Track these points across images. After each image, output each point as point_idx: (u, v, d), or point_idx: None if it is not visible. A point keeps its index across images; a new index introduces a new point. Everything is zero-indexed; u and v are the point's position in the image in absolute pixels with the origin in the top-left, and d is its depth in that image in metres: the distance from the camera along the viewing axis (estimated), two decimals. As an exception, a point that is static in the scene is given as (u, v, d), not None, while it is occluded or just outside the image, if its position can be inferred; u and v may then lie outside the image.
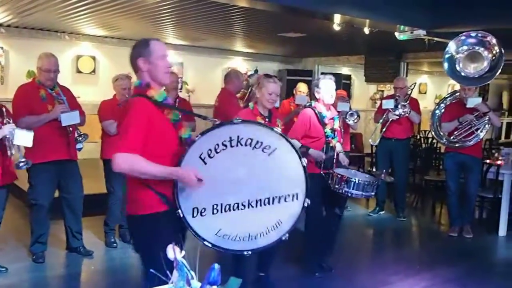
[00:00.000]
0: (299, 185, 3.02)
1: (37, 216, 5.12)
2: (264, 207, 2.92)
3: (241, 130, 2.83)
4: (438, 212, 7.96)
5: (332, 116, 4.96)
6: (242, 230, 2.91)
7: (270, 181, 2.92)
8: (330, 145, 4.87)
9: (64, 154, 5.10)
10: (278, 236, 3.00)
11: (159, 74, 2.87)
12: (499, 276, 5.53)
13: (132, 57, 2.89)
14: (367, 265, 5.67)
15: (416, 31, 6.89)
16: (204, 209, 2.81)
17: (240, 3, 5.78)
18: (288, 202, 2.99)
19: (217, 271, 1.75)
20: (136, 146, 2.65)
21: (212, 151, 2.77)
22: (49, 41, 9.85)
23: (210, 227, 2.84)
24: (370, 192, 4.66)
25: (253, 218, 2.91)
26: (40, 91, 4.95)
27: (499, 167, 6.68)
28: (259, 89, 4.40)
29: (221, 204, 2.83)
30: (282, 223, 2.99)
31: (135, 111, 2.72)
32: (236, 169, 2.84)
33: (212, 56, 12.35)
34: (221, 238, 2.87)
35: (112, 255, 5.56)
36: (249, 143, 2.85)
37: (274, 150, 2.91)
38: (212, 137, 2.78)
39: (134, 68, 2.91)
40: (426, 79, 17.34)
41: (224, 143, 2.79)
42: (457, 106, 6.56)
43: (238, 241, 2.92)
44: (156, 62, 2.84)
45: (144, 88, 2.83)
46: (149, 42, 2.87)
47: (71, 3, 6.72)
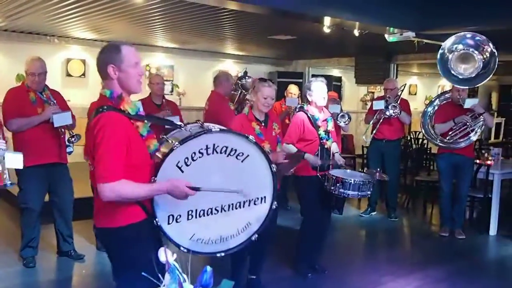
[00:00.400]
0: (267, 189, 3.17)
1: (27, 220, 5.09)
2: (235, 211, 3.03)
3: (218, 138, 2.89)
4: (429, 212, 7.99)
5: (325, 118, 4.97)
6: (214, 233, 3.00)
7: (242, 186, 2.98)
8: (325, 147, 4.88)
9: (55, 157, 5.09)
10: (247, 237, 3.14)
11: (131, 83, 2.68)
12: (490, 275, 5.56)
13: (101, 63, 2.66)
14: (359, 266, 5.69)
15: (405, 33, 6.93)
16: (180, 216, 2.85)
17: (230, 6, 5.78)
18: (257, 205, 3.13)
19: (209, 274, 1.75)
20: (119, 171, 2.52)
21: (189, 159, 2.79)
22: (38, 44, 9.81)
23: (185, 232, 2.89)
24: (366, 192, 4.68)
25: (225, 221, 3.01)
26: (30, 94, 4.94)
27: (489, 167, 6.72)
28: (254, 93, 4.39)
29: (196, 210, 2.88)
30: (251, 224, 3.14)
31: (112, 130, 2.52)
32: (211, 176, 2.88)
33: (203, 58, 12.34)
34: (195, 243, 2.94)
35: (104, 259, 5.49)
36: (224, 151, 2.92)
37: (246, 156, 3.02)
38: (190, 145, 2.78)
39: (102, 75, 2.67)
40: (416, 81, 17.44)
41: (200, 151, 2.82)
42: (450, 107, 6.58)
43: (211, 244, 3.01)
44: (128, 70, 2.64)
45: (117, 101, 2.63)
46: (120, 47, 2.65)
47: (60, 6, 6.70)
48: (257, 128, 4.30)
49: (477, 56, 5.76)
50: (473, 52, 5.77)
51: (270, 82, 4.43)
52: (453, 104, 6.53)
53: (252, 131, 4.20)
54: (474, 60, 5.79)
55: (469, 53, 5.81)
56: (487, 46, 5.70)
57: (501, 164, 7.25)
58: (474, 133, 6.39)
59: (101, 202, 2.61)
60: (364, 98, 15.42)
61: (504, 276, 5.50)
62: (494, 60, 5.67)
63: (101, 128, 2.52)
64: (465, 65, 5.89)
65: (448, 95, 6.76)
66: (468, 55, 5.83)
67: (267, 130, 4.40)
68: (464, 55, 5.84)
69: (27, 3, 6.55)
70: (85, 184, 5.41)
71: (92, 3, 6.45)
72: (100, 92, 2.71)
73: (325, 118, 4.97)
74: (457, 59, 5.86)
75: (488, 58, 5.71)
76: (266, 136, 4.33)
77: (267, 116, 4.46)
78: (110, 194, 2.51)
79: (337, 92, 9.80)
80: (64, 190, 5.26)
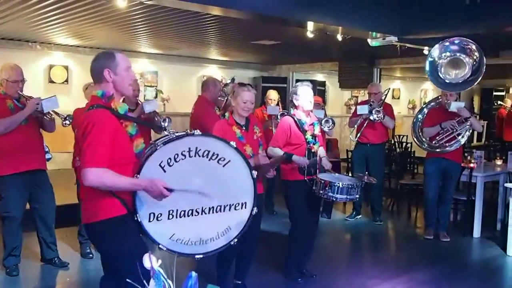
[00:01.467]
0: (248, 195, 3.29)
1: (9, 229, 5.03)
2: (216, 214, 3.13)
3: (200, 142, 3.02)
4: (413, 215, 8.05)
5: (311, 122, 4.99)
6: (194, 235, 3.09)
7: (222, 190, 3.14)
8: (312, 151, 4.89)
9: (35, 164, 5.05)
10: (226, 241, 3.24)
11: (124, 86, 2.95)
12: (474, 277, 5.61)
13: (97, 68, 2.93)
14: (345, 269, 5.70)
15: (388, 38, 6.97)
16: (160, 214, 2.94)
17: (214, 11, 5.78)
18: (237, 210, 3.24)
19: (194, 279, 1.74)
20: (104, 159, 2.71)
21: (171, 160, 2.91)
22: (20, 51, 9.72)
23: (165, 231, 2.97)
24: (354, 195, 4.68)
25: (205, 224, 3.10)
26: (7, 101, 4.89)
27: (472, 169, 6.77)
28: (234, 98, 4.41)
29: (177, 210, 2.98)
30: (231, 229, 3.24)
31: (101, 123, 2.75)
32: (192, 178, 2.99)
33: (187, 64, 12.32)
34: (174, 242, 3.02)
35: (88, 266, 5.49)
36: (205, 155, 3.04)
37: (228, 162, 3.14)
38: (173, 147, 2.92)
39: (97, 79, 2.93)
40: (399, 85, 17.56)
41: (183, 153, 2.95)
42: (439, 111, 6.62)
43: (190, 245, 3.09)
44: (122, 73, 2.92)
45: (108, 100, 2.89)
46: (114, 54, 2.94)
47: (42, 12, 6.65)
48: (238, 132, 4.32)
49: (466, 59, 5.81)
50: (461, 56, 5.81)
51: (249, 86, 4.45)
52: (442, 108, 6.58)
53: (233, 135, 4.21)
54: (464, 64, 5.84)
55: (457, 58, 5.85)
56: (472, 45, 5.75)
57: (483, 167, 7.32)
58: (461, 138, 6.42)
59: (86, 199, 2.86)
60: (348, 102, 15.50)
61: (488, 278, 5.53)
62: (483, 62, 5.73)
63: (91, 121, 2.74)
64: (456, 71, 5.94)
65: (439, 101, 6.80)
66: (457, 60, 5.87)
67: (248, 134, 4.41)
68: (453, 60, 5.88)
69: (8, 9, 6.50)
70: (67, 191, 5.39)
71: (74, 9, 6.42)
72: (92, 94, 2.95)
73: (311, 122, 4.99)
74: (447, 65, 5.90)
75: (478, 59, 5.76)
76: (247, 140, 4.35)
77: (248, 120, 4.48)
78: (93, 178, 2.68)
79: (321, 97, 9.86)
80: (45, 197, 5.21)
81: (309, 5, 5.82)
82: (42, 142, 5.18)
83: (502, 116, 12.08)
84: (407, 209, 8.29)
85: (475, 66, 5.72)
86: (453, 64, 5.88)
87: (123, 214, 2.85)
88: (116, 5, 5.67)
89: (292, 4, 5.69)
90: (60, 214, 5.46)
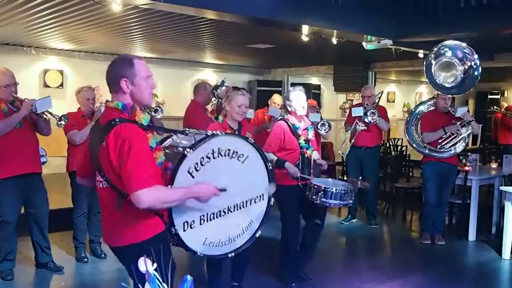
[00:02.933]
0: (264, 187, 3.32)
1: (4, 233, 5.00)
2: (240, 211, 3.15)
3: (221, 142, 2.99)
4: (409, 219, 8.05)
5: (305, 127, 4.98)
6: (224, 235, 3.08)
7: (244, 186, 3.16)
8: (306, 156, 4.89)
9: (30, 168, 5.02)
10: (251, 235, 3.26)
11: (144, 96, 2.72)
12: (469, 280, 5.62)
13: (114, 76, 2.68)
14: (340, 273, 5.70)
15: (383, 41, 6.99)
16: (193, 221, 2.88)
17: (209, 15, 5.78)
18: (257, 203, 3.28)
19: (189, 283, 1.74)
20: (152, 177, 2.54)
21: (198, 165, 2.84)
22: (15, 55, 9.71)
23: (198, 237, 2.93)
24: (348, 201, 4.66)
25: (232, 222, 3.10)
26: (1, 105, 4.86)
27: (467, 173, 6.77)
28: (228, 102, 4.41)
29: (207, 214, 2.94)
30: (253, 222, 3.27)
31: (138, 140, 2.55)
32: (218, 178, 2.92)
33: (182, 68, 12.32)
34: (207, 247, 3.00)
35: (83, 270, 5.47)
36: (227, 154, 3.02)
37: (246, 157, 3.15)
38: (200, 151, 2.84)
39: (114, 87, 2.69)
40: (394, 88, 17.60)
41: (208, 156, 2.89)
42: (437, 115, 6.58)
43: (220, 246, 3.09)
44: (140, 83, 2.68)
45: (131, 113, 2.66)
46: (133, 61, 2.68)
47: (37, 17, 6.65)
48: None
49: (459, 66, 5.84)
50: (456, 62, 5.84)
51: (244, 90, 4.46)
52: (440, 112, 6.56)
53: None
54: (456, 69, 5.86)
55: (451, 62, 5.88)
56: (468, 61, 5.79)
57: (479, 170, 7.34)
58: (463, 141, 6.45)
59: (120, 219, 2.64)
60: (343, 105, 15.52)
61: (483, 282, 5.53)
62: (473, 71, 5.76)
63: (127, 139, 2.52)
64: (445, 73, 5.97)
65: (432, 101, 6.80)
66: (450, 64, 5.90)
67: None
68: (446, 63, 5.91)
69: (3, 14, 6.49)
70: (62, 195, 5.38)
71: (69, 13, 6.41)
72: (108, 105, 2.71)
73: (305, 127, 4.98)
74: (439, 66, 5.93)
75: (467, 69, 5.79)
76: None
77: (240, 125, 4.48)
78: (149, 199, 2.49)
79: (316, 100, 9.85)
80: (39, 201, 5.19)
81: (304, 8, 5.84)
82: (37, 145, 5.15)
83: (497, 119, 12.11)
84: (402, 213, 8.29)
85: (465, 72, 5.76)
86: (444, 67, 5.91)
87: (164, 230, 2.71)
88: (111, 9, 5.67)
89: (287, 7, 5.70)
90: (55, 218, 5.44)
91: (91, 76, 10.21)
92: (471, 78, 5.85)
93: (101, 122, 2.72)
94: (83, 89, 5.61)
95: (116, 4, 5.13)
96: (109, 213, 2.71)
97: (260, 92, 12.36)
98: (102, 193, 2.72)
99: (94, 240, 5.74)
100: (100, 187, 2.72)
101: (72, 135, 5.37)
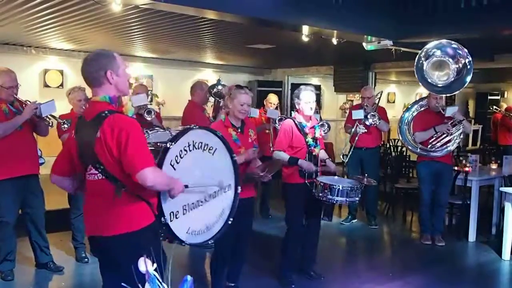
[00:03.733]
0: (231, 177, 3.55)
1: (3, 234, 5.01)
2: (213, 200, 3.35)
3: (195, 135, 3.19)
4: (409, 219, 8.04)
5: (312, 125, 5.01)
6: (202, 223, 3.28)
7: (215, 176, 3.36)
8: (313, 154, 4.91)
9: (28, 169, 5.04)
10: (223, 222, 3.47)
11: (125, 86, 2.89)
12: (469, 281, 5.62)
13: (98, 69, 2.80)
14: (340, 273, 5.69)
15: (383, 41, 6.98)
16: (178, 212, 3.04)
17: (209, 15, 5.78)
18: (226, 192, 3.49)
19: (189, 283, 1.73)
20: (152, 159, 2.69)
21: (178, 157, 3.00)
22: (15, 55, 9.70)
23: (182, 227, 3.07)
24: (354, 198, 4.71)
25: (208, 211, 3.31)
26: (2, 106, 4.87)
27: (467, 173, 6.77)
28: (230, 100, 4.41)
29: (188, 204, 3.11)
30: (224, 210, 3.49)
31: (133, 128, 2.68)
32: (194, 170, 3.15)
33: (182, 68, 12.31)
34: (190, 235, 3.16)
35: (83, 271, 5.47)
36: (200, 146, 3.23)
37: (215, 150, 3.37)
38: (180, 143, 3.00)
39: (96, 81, 2.81)
40: (394, 88, 17.59)
41: (185, 148, 3.07)
42: (429, 114, 6.61)
43: (201, 234, 3.27)
44: (122, 74, 2.84)
45: (118, 105, 2.83)
46: (114, 54, 2.85)
47: (37, 17, 6.64)
48: (233, 134, 4.35)
49: (452, 64, 5.84)
50: (449, 60, 5.84)
51: (246, 89, 4.47)
52: (431, 111, 6.58)
53: (229, 137, 4.22)
54: (449, 68, 5.86)
55: (444, 61, 5.88)
56: (462, 59, 5.79)
57: (479, 171, 7.33)
58: (452, 143, 6.45)
59: (116, 209, 2.72)
60: (343, 106, 15.50)
61: (483, 282, 5.54)
62: (467, 70, 5.75)
63: (123, 128, 2.65)
64: (438, 72, 5.96)
65: (424, 102, 6.81)
66: (442, 63, 5.90)
67: (244, 137, 4.43)
68: (439, 62, 5.91)
69: (3, 13, 6.48)
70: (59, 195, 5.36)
71: (69, 13, 6.40)
72: (94, 100, 2.83)
73: (312, 125, 5.01)
74: (432, 66, 5.93)
75: (461, 67, 5.79)
76: (242, 142, 4.39)
77: (243, 123, 4.49)
78: (153, 176, 2.61)
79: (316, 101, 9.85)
80: (36, 202, 5.20)
81: (304, 9, 5.83)
82: (35, 146, 5.18)
83: (497, 120, 12.10)
84: (402, 213, 8.29)
85: (458, 70, 5.76)
86: (437, 66, 5.91)
87: (154, 221, 2.82)
88: (111, 9, 5.65)
89: (287, 8, 5.70)
90: (54, 218, 5.45)
91: (91, 76, 10.22)
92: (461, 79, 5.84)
93: (86, 117, 2.82)
94: (74, 90, 5.58)
95: (116, 4, 5.12)
96: (103, 204, 2.78)
97: (260, 92, 12.34)
98: (95, 186, 2.79)
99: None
100: (92, 179, 2.78)
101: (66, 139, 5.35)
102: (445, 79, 5.89)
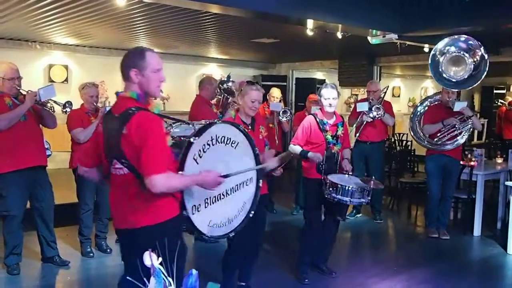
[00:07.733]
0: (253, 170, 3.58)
1: (10, 228, 5.01)
2: (235, 193, 3.40)
3: (218, 130, 3.21)
4: (414, 214, 8.03)
5: (335, 123, 5.00)
6: (224, 216, 3.31)
7: (237, 170, 3.32)
8: (332, 151, 4.90)
9: (35, 161, 5.02)
10: (245, 215, 3.51)
11: (151, 88, 2.82)
12: (474, 275, 5.61)
13: (125, 66, 2.80)
14: (345, 268, 5.69)
15: (388, 35, 6.96)
16: (200, 205, 3.08)
17: (213, 9, 5.77)
18: (248, 185, 3.53)
19: (194, 277, 1.74)
20: (166, 164, 2.69)
21: (201, 151, 3.04)
22: (20, 50, 9.73)
23: (204, 220, 3.12)
24: (360, 199, 4.67)
25: (229, 204, 3.35)
26: (5, 99, 4.86)
27: (473, 168, 6.76)
28: (241, 97, 4.36)
29: (210, 197, 3.15)
30: (246, 203, 3.53)
31: (157, 127, 2.71)
32: (217, 164, 3.13)
33: (187, 63, 12.32)
34: (212, 228, 3.20)
35: (89, 265, 5.49)
36: (223, 140, 3.26)
37: (238, 143, 3.40)
38: (203, 138, 3.04)
39: (126, 77, 2.81)
40: (399, 83, 17.55)
41: (208, 143, 3.10)
42: (439, 108, 6.62)
43: (222, 227, 3.30)
44: (149, 75, 2.78)
45: (145, 102, 2.80)
46: (145, 53, 2.79)
47: (41, 12, 6.65)
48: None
49: (468, 59, 5.82)
50: (464, 55, 5.83)
51: (258, 85, 4.42)
52: (443, 106, 6.57)
53: None
54: (465, 63, 5.85)
55: (460, 56, 5.86)
56: (478, 50, 5.77)
57: (484, 165, 7.31)
58: (462, 136, 6.44)
59: (143, 201, 2.75)
60: (348, 100, 15.49)
61: (488, 277, 5.52)
62: (484, 64, 5.74)
63: (147, 126, 2.67)
64: (456, 68, 5.95)
65: (438, 96, 6.80)
66: (459, 58, 5.88)
67: (254, 134, 4.37)
68: (455, 58, 5.89)
69: (8, 9, 6.50)
70: (66, 190, 5.40)
71: (73, 8, 6.41)
72: (122, 95, 2.83)
73: (335, 123, 5.00)
74: (448, 61, 5.91)
75: (478, 61, 5.77)
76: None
77: (254, 120, 4.44)
78: (161, 184, 2.64)
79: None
80: (45, 195, 5.19)
81: (308, 2, 5.82)
82: (42, 138, 5.15)
83: (502, 114, 12.06)
84: (407, 208, 8.28)
85: (476, 65, 5.74)
86: (454, 61, 5.90)
87: (178, 214, 2.87)
88: (115, 4, 5.67)
89: (291, 2, 5.69)
90: (61, 213, 5.46)
91: (95, 71, 10.24)
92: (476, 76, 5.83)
93: (114, 111, 2.83)
94: (87, 86, 5.58)
95: (120, -2, 5.13)
96: (128, 197, 2.81)
97: (265, 87, 12.26)
98: (121, 180, 2.81)
99: (100, 235, 5.75)
100: (118, 174, 2.81)
101: (77, 134, 5.36)
102: (461, 74, 5.87)
